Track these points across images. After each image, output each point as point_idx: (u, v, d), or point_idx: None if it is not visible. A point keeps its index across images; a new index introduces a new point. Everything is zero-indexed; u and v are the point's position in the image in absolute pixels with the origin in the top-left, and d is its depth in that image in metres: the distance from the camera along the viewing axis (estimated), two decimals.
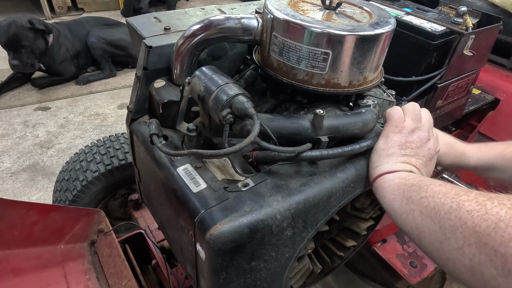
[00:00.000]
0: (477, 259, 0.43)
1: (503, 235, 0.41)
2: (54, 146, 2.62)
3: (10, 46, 2.84)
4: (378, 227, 0.94)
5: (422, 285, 1.55)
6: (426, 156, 0.68)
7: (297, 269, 0.78)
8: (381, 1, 1.27)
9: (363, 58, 0.71)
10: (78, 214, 1.15)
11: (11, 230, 1.03)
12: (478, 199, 0.46)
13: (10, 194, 2.20)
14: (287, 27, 0.70)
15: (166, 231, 0.87)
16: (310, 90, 0.74)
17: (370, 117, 0.72)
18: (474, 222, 0.44)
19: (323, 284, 1.77)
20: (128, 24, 0.92)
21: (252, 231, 0.58)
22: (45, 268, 1.06)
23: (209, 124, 0.73)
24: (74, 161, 1.50)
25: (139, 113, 0.86)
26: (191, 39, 0.77)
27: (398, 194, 0.60)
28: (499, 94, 1.58)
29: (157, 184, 0.79)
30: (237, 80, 0.92)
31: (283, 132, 0.67)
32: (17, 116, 2.91)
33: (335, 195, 0.67)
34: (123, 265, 1.04)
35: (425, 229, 0.52)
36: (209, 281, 0.64)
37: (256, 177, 0.65)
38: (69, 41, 3.28)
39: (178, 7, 5.24)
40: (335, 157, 0.68)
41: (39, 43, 2.96)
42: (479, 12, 1.17)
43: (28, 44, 2.86)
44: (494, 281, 0.42)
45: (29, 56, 2.93)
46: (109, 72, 3.46)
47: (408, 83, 1.11)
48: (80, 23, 3.49)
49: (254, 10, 0.93)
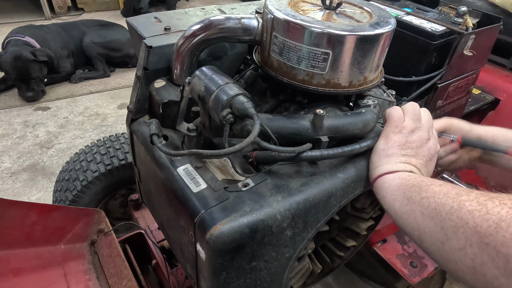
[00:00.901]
0: (479, 259, 0.43)
1: (505, 235, 0.40)
2: (54, 146, 2.62)
3: (21, 79, 2.94)
4: (378, 227, 0.94)
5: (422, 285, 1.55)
6: (426, 156, 0.68)
7: (297, 269, 0.78)
8: (381, 1, 1.27)
9: (363, 58, 0.71)
10: (78, 214, 1.15)
11: (11, 230, 1.03)
12: (479, 199, 0.46)
13: (10, 194, 2.20)
14: (287, 27, 0.70)
15: (166, 231, 0.87)
16: (310, 90, 0.74)
17: (370, 117, 0.72)
18: (475, 222, 0.44)
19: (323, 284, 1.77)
20: (128, 24, 0.92)
21: (252, 231, 0.58)
22: (45, 268, 1.06)
23: (209, 124, 0.73)
24: (74, 161, 1.50)
25: (139, 113, 0.86)
26: (191, 39, 0.77)
27: (399, 194, 0.59)
28: (499, 94, 1.58)
29: (157, 184, 0.79)
30: (237, 80, 0.92)
31: (283, 132, 0.67)
32: (17, 116, 2.91)
33: (335, 195, 0.67)
34: (123, 265, 1.04)
35: (426, 229, 0.52)
36: (209, 281, 0.64)
37: (256, 177, 0.65)
38: (62, 39, 3.32)
39: (178, 7, 5.24)
40: (335, 157, 0.68)
41: (45, 70, 3.07)
42: (479, 12, 1.17)
43: (37, 75, 2.97)
44: (496, 281, 0.42)
45: (39, 84, 3.06)
46: (102, 72, 3.48)
47: (408, 83, 1.11)
48: (75, 24, 3.55)
49: (254, 10, 0.93)
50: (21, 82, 2.96)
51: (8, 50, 2.90)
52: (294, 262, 0.70)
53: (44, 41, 3.13)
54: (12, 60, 2.84)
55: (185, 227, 0.66)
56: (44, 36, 3.18)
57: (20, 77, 2.92)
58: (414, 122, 0.69)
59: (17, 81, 2.96)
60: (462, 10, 1.10)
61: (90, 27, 3.53)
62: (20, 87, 3.00)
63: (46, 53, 3.00)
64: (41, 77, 3.06)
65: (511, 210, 0.42)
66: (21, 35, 3.03)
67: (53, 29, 3.37)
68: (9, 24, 4.22)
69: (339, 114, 0.72)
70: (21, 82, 2.95)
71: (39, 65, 2.96)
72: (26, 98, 3.01)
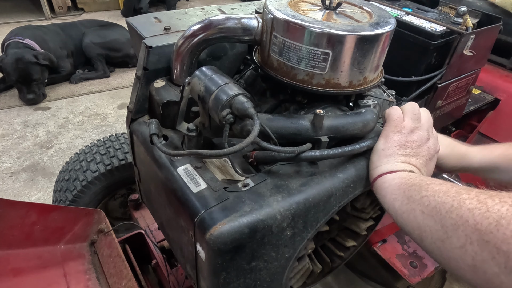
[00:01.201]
0: (480, 257, 0.43)
1: (505, 232, 0.40)
2: (54, 146, 2.62)
3: (23, 82, 2.94)
4: (378, 227, 0.94)
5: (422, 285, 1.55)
6: (426, 156, 0.68)
7: (297, 269, 0.78)
8: (381, 1, 1.27)
9: (363, 58, 0.71)
10: (78, 214, 1.15)
11: (11, 230, 1.03)
12: (479, 197, 0.46)
13: (10, 194, 2.20)
14: (287, 27, 0.70)
15: (166, 231, 0.87)
16: (310, 90, 0.74)
17: (370, 117, 0.72)
18: (475, 220, 0.44)
19: (323, 284, 1.77)
20: (128, 24, 0.92)
21: (252, 231, 0.58)
22: (45, 268, 1.06)
23: (209, 124, 0.73)
24: (74, 161, 1.50)
25: (139, 113, 0.86)
26: (191, 39, 0.77)
27: (399, 194, 0.59)
28: (499, 94, 1.58)
29: (157, 184, 0.79)
30: (237, 80, 0.92)
31: (283, 132, 0.67)
32: (17, 116, 2.91)
33: (335, 195, 0.67)
34: (123, 265, 1.04)
35: (427, 228, 0.52)
36: (209, 281, 0.64)
37: (256, 177, 0.65)
38: (61, 39, 3.33)
39: (178, 7, 5.24)
40: (335, 157, 0.68)
41: (46, 74, 3.08)
42: (479, 12, 1.17)
43: (38, 77, 2.97)
44: (497, 278, 0.42)
45: (40, 87, 3.06)
46: (102, 72, 3.48)
47: (408, 83, 1.11)
48: (74, 24, 3.55)
49: (254, 10, 0.93)
50: (22, 85, 2.95)
51: (9, 52, 2.90)
52: (294, 262, 0.70)
53: (43, 42, 3.14)
54: (14, 62, 2.83)
55: (185, 227, 0.66)
56: (43, 37, 3.19)
57: (22, 79, 2.91)
58: (414, 122, 0.69)
59: (18, 84, 2.95)
60: (462, 10, 1.10)
61: (89, 27, 3.53)
62: (21, 89, 2.99)
63: (49, 57, 3.01)
64: (43, 80, 3.06)
65: (511, 207, 0.42)
66: (21, 37, 3.02)
67: (52, 29, 3.37)
68: (9, 24, 4.22)
69: (339, 114, 0.72)
70: (22, 84, 2.95)
71: (41, 68, 2.97)
72: (27, 100, 2.99)
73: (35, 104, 3.05)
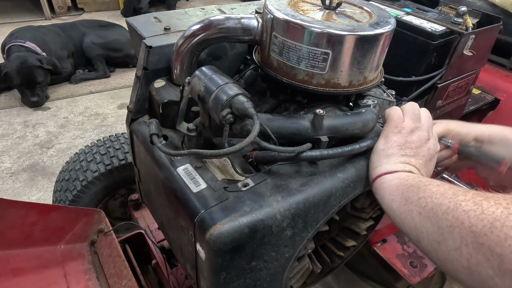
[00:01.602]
0: (474, 259, 0.43)
1: (499, 234, 0.41)
2: (54, 146, 2.62)
3: (26, 85, 2.93)
4: (378, 227, 0.94)
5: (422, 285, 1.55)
6: (426, 156, 0.68)
7: (297, 269, 0.78)
8: (381, 1, 1.27)
9: (363, 58, 0.71)
10: (78, 214, 1.15)
11: (11, 230, 1.03)
12: (475, 199, 0.46)
13: (10, 194, 2.20)
14: (287, 27, 0.70)
15: (166, 231, 0.87)
16: (310, 90, 0.74)
17: (370, 117, 0.72)
18: (470, 222, 0.44)
19: (323, 284, 1.77)
20: (128, 24, 0.92)
21: (252, 231, 0.58)
22: (45, 268, 1.06)
23: (209, 124, 0.73)
24: (74, 161, 1.50)
25: (139, 113, 0.86)
26: (191, 39, 0.77)
27: (397, 194, 0.60)
28: (499, 94, 1.58)
29: (157, 184, 0.79)
30: (237, 80, 0.92)
31: (283, 132, 0.67)
32: (17, 116, 2.91)
33: (335, 195, 0.67)
34: (123, 265, 1.04)
35: (424, 229, 0.52)
36: (209, 281, 0.64)
37: (256, 177, 0.65)
38: (61, 40, 3.32)
39: (178, 7, 5.24)
40: (335, 157, 0.68)
41: (49, 77, 3.09)
42: (479, 12, 1.17)
43: (42, 80, 2.97)
44: (491, 281, 0.42)
45: (43, 90, 3.06)
46: (102, 73, 3.48)
47: (408, 83, 1.11)
48: (74, 24, 3.55)
49: (254, 10, 0.93)
50: (26, 88, 2.94)
51: (12, 56, 2.89)
52: (294, 262, 0.70)
53: (44, 44, 3.13)
54: (18, 65, 2.83)
55: (185, 227, 0.66)
56: (43, 38, 3.18)
57: (26, 83, 2.91)
58: (414, 122, 0.69)
59: (21, 87, 2.94)
60: (462, 10, 1.10)
61: (90, 28, 3.52)
62: (24, 93, 2.97)
63: (53, 63, 3.02)
64: (46, 83, 3.06)
65: (505, 210, 0.42)
66: (22, 41, 3.02)
67: (52, 30, 3.37)
68: (9, 24, 4.23)
69: (339, 114, 0.72)
70: (26, 87, 2.94)
71: (44, 71, 2.97)
72: (31, 103, 2.98)
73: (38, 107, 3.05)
